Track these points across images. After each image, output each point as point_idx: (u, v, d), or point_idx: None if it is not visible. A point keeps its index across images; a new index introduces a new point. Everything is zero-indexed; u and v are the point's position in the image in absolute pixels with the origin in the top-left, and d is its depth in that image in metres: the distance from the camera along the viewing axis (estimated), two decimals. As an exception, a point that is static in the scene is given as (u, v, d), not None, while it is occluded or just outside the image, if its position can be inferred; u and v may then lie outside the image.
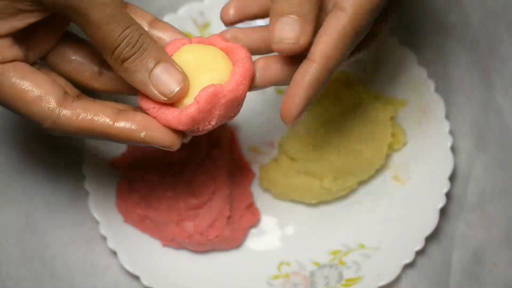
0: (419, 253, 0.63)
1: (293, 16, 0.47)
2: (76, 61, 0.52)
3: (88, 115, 0.48)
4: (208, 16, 0.70)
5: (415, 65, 0.67)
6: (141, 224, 0.64)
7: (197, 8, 0.70)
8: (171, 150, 0.49)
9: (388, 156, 0.66)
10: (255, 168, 0.68)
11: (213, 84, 0.47)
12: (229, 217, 0.64)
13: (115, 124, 0.48)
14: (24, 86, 0.47)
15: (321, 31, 0.48)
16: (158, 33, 0.51)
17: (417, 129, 0.67)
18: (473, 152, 0.68)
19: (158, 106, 0.48)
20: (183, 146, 0.64)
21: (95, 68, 0.52)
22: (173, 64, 0.48)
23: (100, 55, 0.49)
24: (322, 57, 0.48)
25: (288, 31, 0.47)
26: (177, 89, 0.47)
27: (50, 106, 0.47)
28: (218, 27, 0.69)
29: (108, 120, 0.48)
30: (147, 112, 0.48)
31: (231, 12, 0.57)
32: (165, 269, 0.63)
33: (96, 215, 0.63)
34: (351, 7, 0.48)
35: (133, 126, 0.48)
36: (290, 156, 0.65)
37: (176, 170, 0.64)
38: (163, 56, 0.48)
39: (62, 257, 0.65)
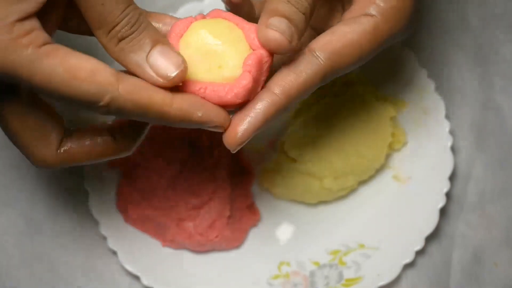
0: (419, 253, 0.63)
1: (286, 19, 0.45)
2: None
3: (147, 91, 0.44)
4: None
5: (416, 65, 0.67)
6: (141, 224, 0.64)
7: (197, 8, 0.70)
8: (219, 131, 0.47)
9: (388, 156, 0.66)
10: (256, 168, 0.68)
11: (254, 51, 0.46)
12: (229, 217, 0.64)
13: (173, 102, 0.44)
14: (74, 64, 0.43)
15: (290, 68, 0.47)
16: (154, 23, 0.49)
17: (417, 129, 0.67)
18: (473, 152, 0.68)
19: (204, 86, 0.45)
20: (183, 145, 0.65)
21: None
22: (170, 47, 0.45)
23: None
24: (284, 94, 0.46)
25: (283, 30, 0.45)
26: (175, 72, 0.44)
27: (108, 79, 0.43)
28: (218, 27, 0.69)
29: (167, 98, 0.44)
30: (194, 93, 0.46)
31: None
32: (165, 269, 0.64)
33: (96, 215, 0.63)
34: (325, 56, 0.47)
35: (190, 105, 0.45)
36: (290, 156, 0.65)
37: (176, 169, 0.64)
38: (161, 38, 0.45)
39: (62, 258, 0.65)
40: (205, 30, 0.46)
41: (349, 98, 0.66)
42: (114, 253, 0.63)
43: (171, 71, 0.44)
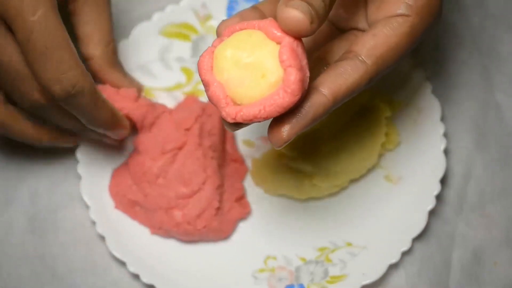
0: (420, 252, 0.64)
1: (306, 2, 0.45)
2: None
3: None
4: (210, 8, 0.70)
5: (413, 66, 0.67)
6: (131, 210, 0.65)
7: (199, 0, 0.71)
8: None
9: (381, 156, 0.66)
10: (248, 162, 0.68)
11: (281, 44, 0.46)
12: (218, 209, 0.64)
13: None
14: None
15: (338, 71, 0.48)
16: None
17: (411, 130, 0.67)
18: (473, 152, 0.68)
19: (261, 106, 0.45)
20: (177, 134, 0.65)
21: None
22: None
23: None
24: (333, 95, 0.47)
25: (303, 10, 0.45)
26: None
27: None
28: (219, 19, 0.70)
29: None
30: (256, 118, 0.46)
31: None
32: (152, 257, 0.64)
33: (86, 200, 0.64)
34: (371, 61, 0.48)
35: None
36: (282, 151, 0.65)
37: (168, 158, 0.64)
38: None
39: (62, 257, 0.65)
40: (230, 50, 0.46)
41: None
42: (102, 238, 0.64)
43: None
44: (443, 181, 0.65)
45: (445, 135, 0.65)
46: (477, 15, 0.71)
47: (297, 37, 0.46)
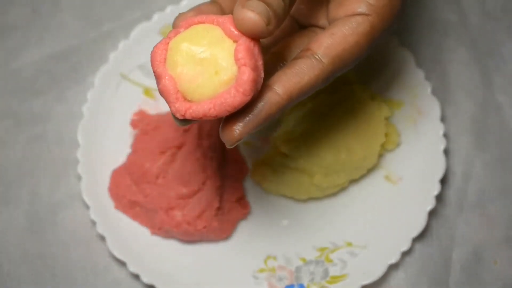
0: (420, 252, 0.64)
1: (263, 3, 0.45)
2: None
3: None
4: (210, 9, 0.70)
5: (413, 67, 0.67)
6: (131, 210, 0.65)
7: (199, 0, 0.71)
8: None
9: (381, 156, 0.66)
10: (248, 162, 0.68)
11: (238, 42, 0.45)
12: (218, 209, 0.64)
13: None
14: None
15: (294, 70, 0.47)
16: None
17: (411, 131, 0.67)
18: (472, 151, 0.68)
19: (211, 105, 0.44)
20: (177, 135, 0.65)
21: None
22: None
23: None
24: (287, 94, 0.47)
25: (260, 11, 0.44)
26: None
27: None
28: (219, 20, 0.70)
29: None
30: (206, 117, 0.45)
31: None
32: (152, 257, 0.64)
33: (86, 199, 0.64)
34: (328, 60, 0.48)
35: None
36: (282, 151, 0.65)
37: (168, 158, 0.64)
38: None
39: (62, 257, 0.65)
40: (185, 43, 0.45)
41: (345, 97, 0.66)
42: (102, 238, 0.64)
43: None
44: (443, 181, 0.65)
45: (445, 135, 0.66)
46: (477, 15, 0.71)
47: (254, 38, 0.45)
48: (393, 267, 0.63)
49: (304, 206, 0.67)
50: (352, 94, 0.66)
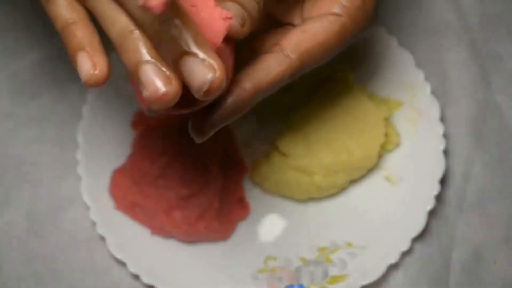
0: (420, 252, 0.64)
1: (238, 4, 0.45)
2: None
3: None
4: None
5: (412, 67, 0.67)
6: (131, 211, 0.65)
7: None
8: None
9: (380, 157, 0.66)
10: (247, 163, 0.68)
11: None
12: (218, 209, 0.64)
13: None
14: None
15: (262, 64, 0.48)
16: None
17: (411, 131, 0.67)
18: (472, 152, 0.68)
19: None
20: (177, 135, 0.65)
21: None
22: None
23: None
24: (254, 89, 0.47)
25: (233, 13, 0.45)
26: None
27: None
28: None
29: None
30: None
31: None
32: (152, 258, 0.64)
33: (86, 200, 0.64)
34: (295, 55, 0.48)
35: None
36: (282, 151, 0.65)
37: (168, 159, 0.64)
38: None
39: (63, 258, 0.65)
40: None
41: (344, 97, 0.66)
42: (102, 238, 0.64)
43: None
44: (443, 181, 0.65)
45: (445, 135, 0.66)
46: (477, 15, 0.71)
47: (228, 39, 0.45)
48: (393, 267, 0.63)
49: (304, 206, 0.67)
50: (351, 94, 0.66)
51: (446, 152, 0.65)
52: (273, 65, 0.48)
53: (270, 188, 0.66)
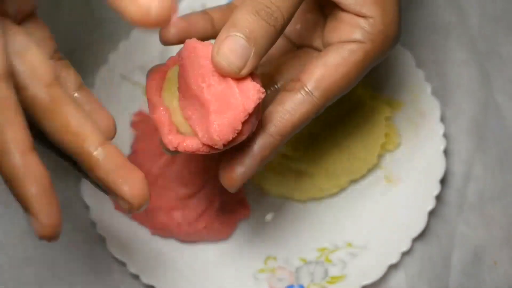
0: (420, 252, 0.64)
1: (247, 40, 0.43)
2: None
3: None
4: (210, 10, 0.70)
5: (413, 67, 0.67)
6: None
7: (199, 1, 0.71)
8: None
9: (381, 157, 0.66)
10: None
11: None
12: (218, 209, 0.64)
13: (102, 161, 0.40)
14: None
15: (285, 106, 0.47)
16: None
17: (411, 131, 0.67)
18: (472, 152, 0.68)
19: (181, 140, 0.44)
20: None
21: None
22: None
23: None
24: (280, 134, 0.47)
25: (237, 55, 0.43)
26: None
27: None
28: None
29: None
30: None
31: (173, 31, 0.50)
32: (152, 258, 0.64)
33: (86, 200, 0.64)
34: (319, 93, 0.48)
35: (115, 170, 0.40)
36: (282, 152, 0.65)
37: (168, 159, 0.64)
38: None
39: (62, 258, 0.65)
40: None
41: (344, 97, 0.66)
42: (103, 239, 0.64)
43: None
44: (443, 181, 0.65)
45: (445, 135, 0.66)
46: (477, 16, 0.71)
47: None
48: (393, 268, 0.63)
49: (304, 206, 0.67)
50: (352, 94, 0.66)
51: (446, 152, 0.65)
52: (297, 106, 0.47)
53: (270, 188, 0.66)
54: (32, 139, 0.39)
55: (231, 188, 0.48)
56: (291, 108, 0.47)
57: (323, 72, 0.48)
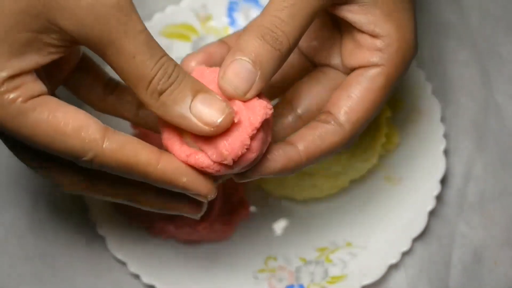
0: (420, 252, 0.64)
1: (253, 65, 0.44)
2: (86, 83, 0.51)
3: (132, 151, 0.43)
4: (210, 9, 0.71)
5: (413, 67, 0.67)
6: (131, 211, 0.65)
7: (199, 1, 0.71)
8: (204, 200, 0.47)
9: (381, 157, 0.66)
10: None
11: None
12: (219, 210, 0.64)
13: (159, 164, 0.44)
14: (60, 119, 0.42)
15: (317, 132, 0.48)
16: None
17: (411, 131, 0.67)
18: (473, 152, 0.68)
19: (194, 152, 0.44)
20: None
21: (100, 90, 0.52)
22: (212, 93, 0.43)
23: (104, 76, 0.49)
24: (307, 155, 0.47)
25: (242, 78, 0.44)
26: (221, 118, 0.42)
27: (93, 136, 0.42)
28: (220, 20, 0.70)
29: (153, 159, 0.44)
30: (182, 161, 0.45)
31: (193, 64, 0.52)
32: (152, 257, 0.64)
33: (87, 200, 0.64)
34: (350, 125, 0.48)
35: (175, 169, 0.44)
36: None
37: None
38: (201, 87, 0.44)
39: (63, 258, 0.65)
40: None
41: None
42: (103, 239, 0.64)
43: (216, 118, 0.42)
44: (443, 181, 0.65)
45: (445, 135, 0.66)
46: (477, 15, 0.71)
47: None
48: (393, 267, 0.63)
49: (304, 206, 0.67)
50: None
51: (446, 152, 0.65)
52: (328, 135, 0.48)
53: (271, 188, 0.67)
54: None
55: (241, 180, 0.48)
56: (322, 135, 0.48)
57: (351, 105, 0.48)
